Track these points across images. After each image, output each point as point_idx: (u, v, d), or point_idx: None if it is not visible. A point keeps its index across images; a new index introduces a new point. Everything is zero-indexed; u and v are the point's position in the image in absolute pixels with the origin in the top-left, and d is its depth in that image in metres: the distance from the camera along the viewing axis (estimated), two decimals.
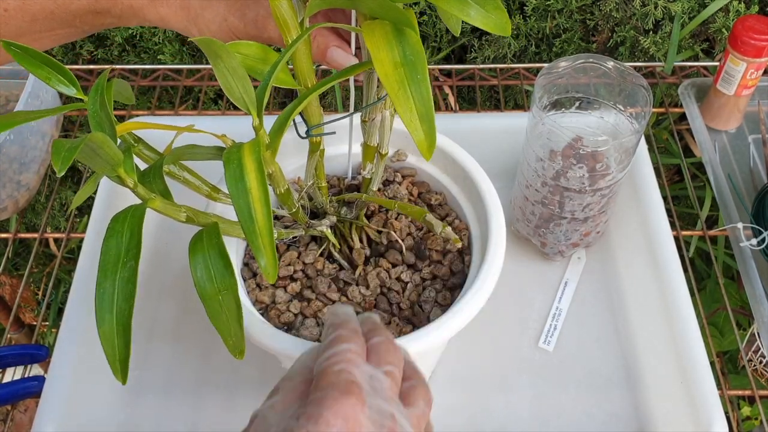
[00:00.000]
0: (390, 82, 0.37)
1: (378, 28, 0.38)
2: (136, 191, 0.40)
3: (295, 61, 0.45)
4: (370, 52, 0.37)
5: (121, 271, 0.38)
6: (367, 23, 0.38)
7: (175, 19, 0.50)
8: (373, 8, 0.38)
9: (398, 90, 0.37)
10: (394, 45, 0.37)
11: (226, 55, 0.38)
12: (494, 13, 0.39)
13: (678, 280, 0.62)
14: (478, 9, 0.38)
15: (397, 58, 0.37)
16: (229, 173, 0.37)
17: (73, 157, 0.33)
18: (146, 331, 0.66)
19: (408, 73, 0.37)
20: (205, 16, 0.50)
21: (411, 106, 0.37)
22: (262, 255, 0.36)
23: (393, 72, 0.37)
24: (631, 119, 0.63)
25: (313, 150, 0.51)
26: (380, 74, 0.37)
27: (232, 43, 0.44)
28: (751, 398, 0.87)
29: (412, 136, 0.37)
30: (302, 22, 0.42)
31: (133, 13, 0.51)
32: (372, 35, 0.38)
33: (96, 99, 0.40)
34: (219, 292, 0.40)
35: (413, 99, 0.37)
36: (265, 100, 0.40)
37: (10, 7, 0.49)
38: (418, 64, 0.37)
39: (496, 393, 0.62)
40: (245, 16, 0.49)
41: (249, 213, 0.36)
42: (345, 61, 0.49)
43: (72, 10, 0.50)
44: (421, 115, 0.37)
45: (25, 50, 0.41)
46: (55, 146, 0.33)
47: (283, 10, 0.41)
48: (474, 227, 0.57)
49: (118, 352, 0.37)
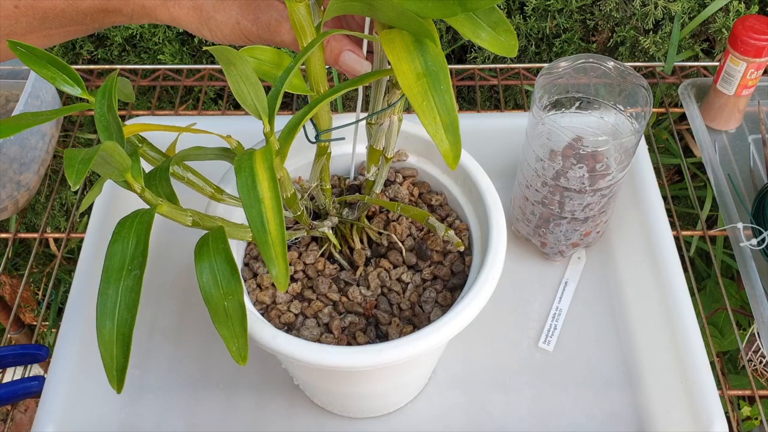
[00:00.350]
0: (413, 94, 0.36)
1: (398, 38, 0.37)
2: (144, 196, 0.40)
3: (308, 67, 0.44)
4: (392, 63, 0.37)
5: (126, 279, 0.37)
6: (386, 32, 0.38)
7: (187, 20, 0.50)
8: (392, 17, 0.37)
9: (422, 101, 0.36)
10: (416, 56, 0.37)
11: (239, 62, 0.38)
12: (504, 36, 0.38)
13: (678, 280, 0.62)
14: (489, 32, 0.38)
15: (419, 69, 0.37)
16: (241, 182, 0.37)
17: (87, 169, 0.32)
18: (146, 330, 0.66)
19: (431, 84, 0.36)
20: (217, 18, 0.49)
21: (435, 116, 0.36)
22: (275, 265, 0.35)
23: (416, 83, 0.36)
24: (631, 119, 0.63)
25: (321, 153, 0.50)
26: (403, 86, 0.36)
27: (247, 47, 0.43)
28: (751, 398, 0.87)
29: (438, 146, 0.36)
30: (318, 26, 0.42)
31: (144, 12, 0.51)
32: (392, 46, 0.37)
33: (103, 102, 0.39)
34: (224, 298, 0.39)
35: (438, 110, 0.36)
36: (277, 106, 0.40)
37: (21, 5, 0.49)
38: (440, 74, 0.36)
39: (496, 393, 0.62)
40: (258, 20, 0.49)
41: (261, 222, 0.36)
42: (358, 65, 0.49)
43: (83, 9, 0.50)
44: (446, 126, 0.36)
45: (30, 50, 0.41)
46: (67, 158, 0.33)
47: (301, 15, 0.41)
48: (474, 228, 0.57)
49: (116, 361, 0.37)
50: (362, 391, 0.58)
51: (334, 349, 0.46)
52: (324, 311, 0.53)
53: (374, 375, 0.53)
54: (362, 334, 0.53)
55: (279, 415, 0.62)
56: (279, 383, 0.63)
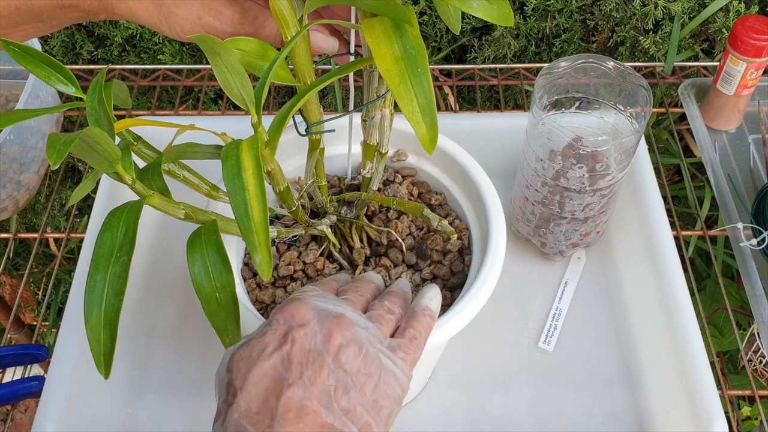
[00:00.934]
0: (391, 77, 0.37)
1: (377, 24, 0.38)
2: (134, 188, 0.40)
3: (294, 58, 0.45)
4: (371, 47, 0.37)
5: (114, 265, 0.38)
6: (367, 20, 0.38)
7: (146, 14, 0.49)
8: (373, 5, 0.38)
9: (399, 84, 0.36)
10: (395, 40, 0.37)
11: (224, 52, 0.38)
12: (497, 4, 0.38)
13: (678, 280, 0.62)
14: (480, 0, 0.38)
15: (398, 52, 0.37)
16: (226, 170, 0.37)
17: (67, 150, 0.33)
18: (147, 331, 0.66)
19: (409, 67, 0.37)
20: (178, 14, 0.48)
21: (412, 99, 0.37)
22: (257, 252, 0.36)
23: (394, 66, 0.37)
24: (631, 119, 0.63)
25: (313, 148, 0.51)
26: (381, 69, 0.37)
27: (231, 39, 0.43)
28: (751, 398, 0.87)
29: (415, 129, 0.37)
30: (301, 18, 0.42)
31: (102, 7, 0.49)
32: (372, 31, 0.37)
33: (94, 96, 0.40)
34: (216, 290, 0.40)
35: (415, 93, 0.37)
36: (263, 96, 0.40)
37: None
38: (418, 58, 0.37)
39: (496, 393, 0.62)
40: (221, 15, 0.48)
41: (245, 209, 0.36)
42: (325, 44, 0.49)
43: (38, 6, 0.49)
44: (423, 109, 0.37)
45: (23, 49, 0.41)
46: (50, 140, 0.33)
47: (283, 7, 0.41)
48: (474, 227, 0.57)
49: (104, 346, 0.37)
50: None
51: None
52: None
53: None
54: None
55: None
56: None
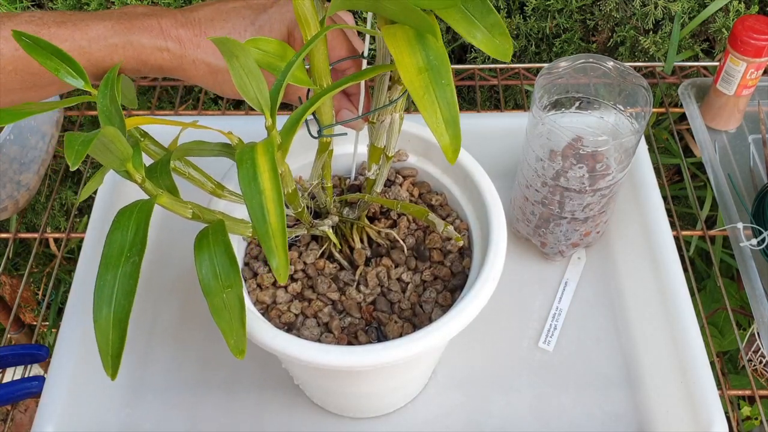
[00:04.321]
0: (415, 87, 0.36)
1: (400, 32, 0.37)
2: (144, 187, 0.40)
3: (312, 60, 0.45)
4: (394, 57, 0.37)
5: (124, 265, 0.37)
6: (387, 27, 0.38)
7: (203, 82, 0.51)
8: (395, 12, 0.37)
9: (423, 95, 0.36)
10: (417, 50, 0.37)
11: (242, 54, 0.38)
12: (499, 39, 0.38)
13: (678, 280, 0.62)
14: (484, 33, 0.38)
15: (421, 63, 0.37)
16: (242, 173, 0.37)
17: (86, 150, 0.32)
18: (147, 331, 0.67)
19: (433, 78, 0.37)
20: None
21: (436, 110, 0.36)
22: (275, 256, 0.36)
23: (417, 77, 0.37)
24: (631, 119, 0.63)
25: (322, 150, 0.51)
26: (405, 80, 0.36)
27: (252, 39, 0.43)
28: (751, 398, 0.87)
29: (438, 140, 0.37)
30: (323, 20, 0.43)
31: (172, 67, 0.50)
32: (394, 40, 0.37)
33: (106, 93, 0.39)
34: (223, 290, 0.39)
35: (438, 104, 0.36)
36: (279, 100, 0.40)
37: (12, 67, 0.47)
38: (442, 68, 0.37)
39: (496, 393, 0.62)
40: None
41: (262, 213, 0.36)
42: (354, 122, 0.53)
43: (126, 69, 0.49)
44: (447, 121, 0.37)
45: (34, 40, 0.41)
46: (68, 140, 0.33)
47: (305, 9, 0.41)
48: (474, 227, 0.57)
49: (112, 347, 0.37)
50: (362, 391, 0.58)
51: (334, 349, 0.46)
52: (324, 311, 0.53)
53: (374, 375, 0.53)
54: (363, 334, 0.53)
55: (279, 415, 0.62)
56: (279, 383, 0.63)
